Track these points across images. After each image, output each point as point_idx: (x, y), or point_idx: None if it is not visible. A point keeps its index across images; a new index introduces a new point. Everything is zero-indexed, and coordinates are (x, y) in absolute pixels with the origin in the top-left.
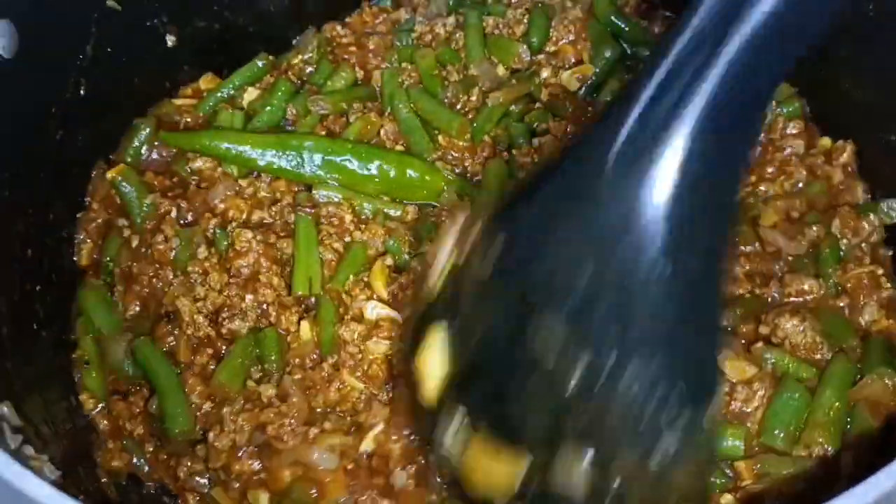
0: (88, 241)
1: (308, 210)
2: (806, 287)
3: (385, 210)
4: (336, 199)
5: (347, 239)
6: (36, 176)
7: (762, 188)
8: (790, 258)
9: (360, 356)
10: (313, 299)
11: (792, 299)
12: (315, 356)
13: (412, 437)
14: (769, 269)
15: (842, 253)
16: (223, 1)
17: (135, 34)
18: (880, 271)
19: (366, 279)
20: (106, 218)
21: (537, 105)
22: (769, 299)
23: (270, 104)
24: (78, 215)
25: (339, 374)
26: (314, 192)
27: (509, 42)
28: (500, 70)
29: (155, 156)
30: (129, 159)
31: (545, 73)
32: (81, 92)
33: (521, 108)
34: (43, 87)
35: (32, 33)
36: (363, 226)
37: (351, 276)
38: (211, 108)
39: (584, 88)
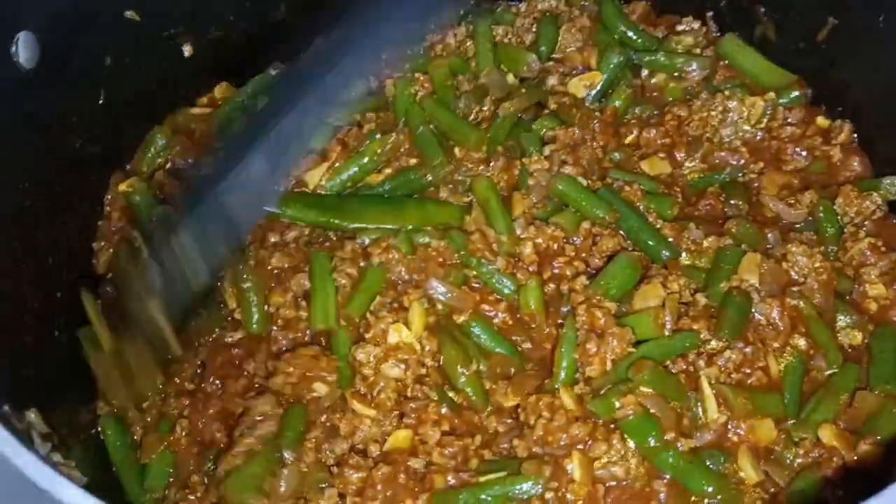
0: (109, 249)
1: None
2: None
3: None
4: (366, 242)
5: (362, 263)
6: (56, 184)
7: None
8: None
9: (372, 379)
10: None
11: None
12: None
13: None
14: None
15: (843, 230)
16: (238, 11)
17: (152, 44)
18: (880, 242)
19: (396, 305)
20: (125, 226)
21: (546, 112)
22: None
23: None
24: (99, 223)
25: (350, 404)
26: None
27: (518, 51)
28: (510, 78)
29: (170, 164)
30: (145, 168)
31: (552, 81)
32: (100, 101)
33: (531, 116)
34: (63, 97)
35: (53, 44)
36: (379, 249)
37: (377, 297)
38: (226, 116)
39: (591, 95)
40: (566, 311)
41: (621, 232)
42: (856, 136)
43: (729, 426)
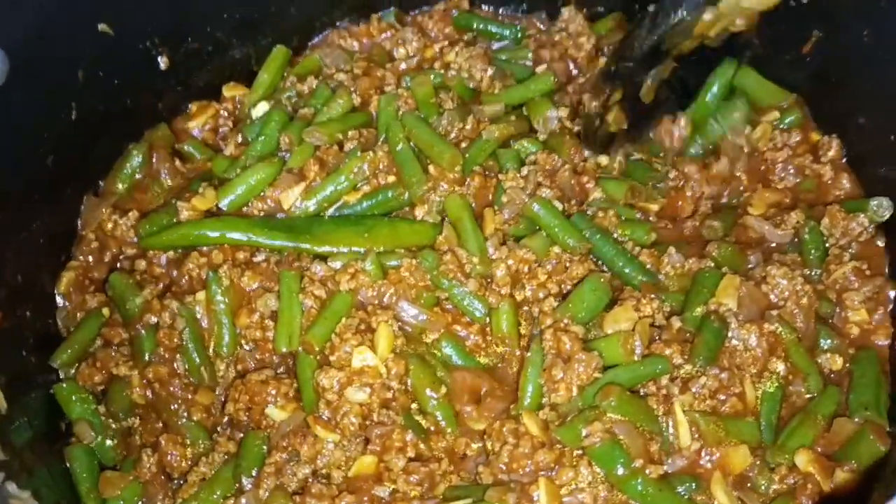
0: (79, 269)
1: (295, 264)
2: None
3: (382, 261)
4: (337, 266)
5: (330, 285)
6: (27, 201)
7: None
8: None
9: (336, 403)
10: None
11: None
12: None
13: None
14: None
15: (828, 252)
16: (215, 23)
17: (127, 58)
18: (865, 266)
19: (363, 327)
20: (98, 246)
21: (535, 134)
22: None
23: (264, 134)
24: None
25: (312, 429)
26: (314, 267)
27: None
28: (499, 106)
29: (146, 180)
30: (120, 185)
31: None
32: (73, 116)
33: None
34: (35, 112)
35: (24, 58)
36: (347, 276)
37: (343, 319)
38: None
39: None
40: (537, 333)
41: (592, 258)
42: (845, 151)
43: (703, 453)
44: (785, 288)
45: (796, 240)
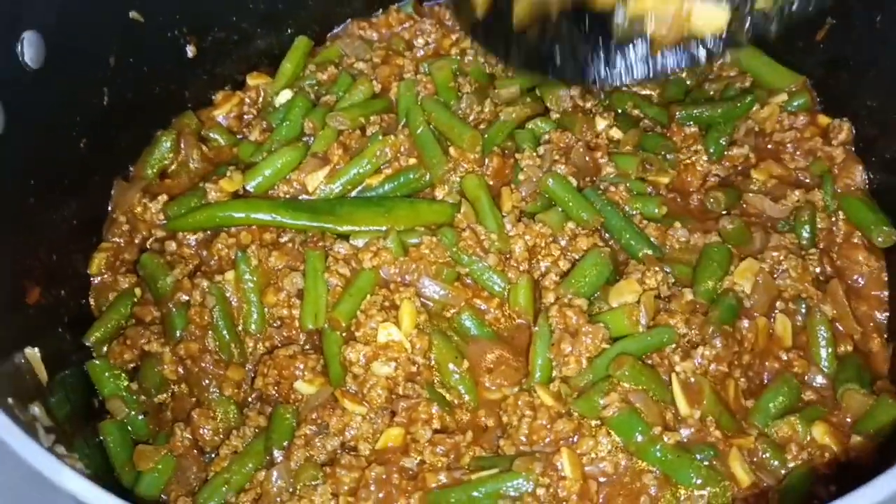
0: (109, 251)
1: (319, 244)
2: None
3: (403, 239)
4: (360, 244)
5: (353, 263)
6: (60, 184)
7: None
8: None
9: (362, 377)
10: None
11: None
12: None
13: None
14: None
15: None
16: (242, 12)
17: (156, 45)
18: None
19: (387, 304)
20: (128, 229)
21: (549, 114)
22: None
23: (289, 119)
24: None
25: (340, 402)
26: (337, 246)
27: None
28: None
29: (175, 166)
30: (149, 171)
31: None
32: (105, 102)
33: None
34: (68, 97)
35: (58, 44)
36: (370, 254)
37: (368, 296)
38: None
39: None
40: (542, 309)
41: (606, 234)
42: (855, 135)
43: (709, 424)
44: (795, 281)
45: (792, 219)
